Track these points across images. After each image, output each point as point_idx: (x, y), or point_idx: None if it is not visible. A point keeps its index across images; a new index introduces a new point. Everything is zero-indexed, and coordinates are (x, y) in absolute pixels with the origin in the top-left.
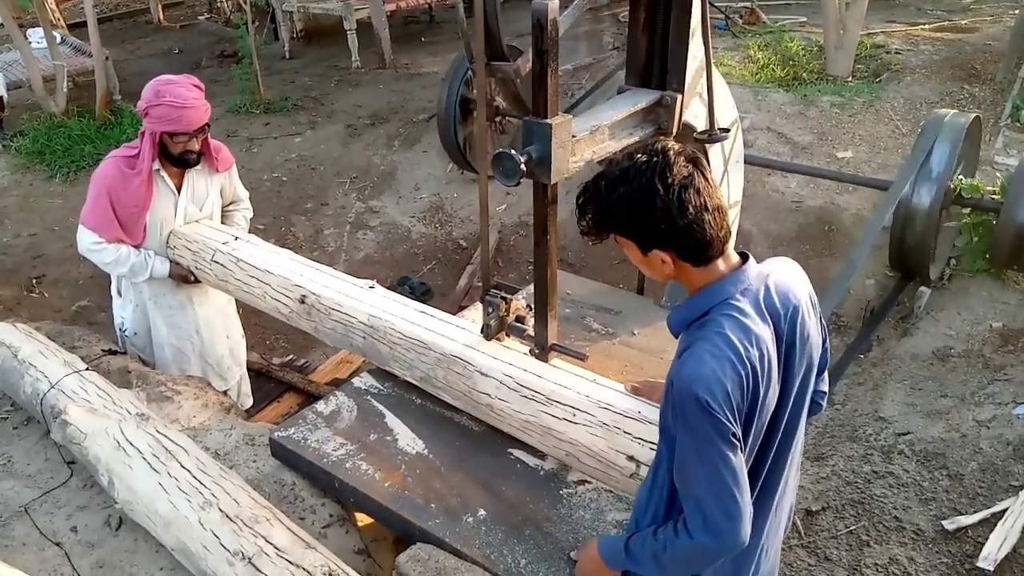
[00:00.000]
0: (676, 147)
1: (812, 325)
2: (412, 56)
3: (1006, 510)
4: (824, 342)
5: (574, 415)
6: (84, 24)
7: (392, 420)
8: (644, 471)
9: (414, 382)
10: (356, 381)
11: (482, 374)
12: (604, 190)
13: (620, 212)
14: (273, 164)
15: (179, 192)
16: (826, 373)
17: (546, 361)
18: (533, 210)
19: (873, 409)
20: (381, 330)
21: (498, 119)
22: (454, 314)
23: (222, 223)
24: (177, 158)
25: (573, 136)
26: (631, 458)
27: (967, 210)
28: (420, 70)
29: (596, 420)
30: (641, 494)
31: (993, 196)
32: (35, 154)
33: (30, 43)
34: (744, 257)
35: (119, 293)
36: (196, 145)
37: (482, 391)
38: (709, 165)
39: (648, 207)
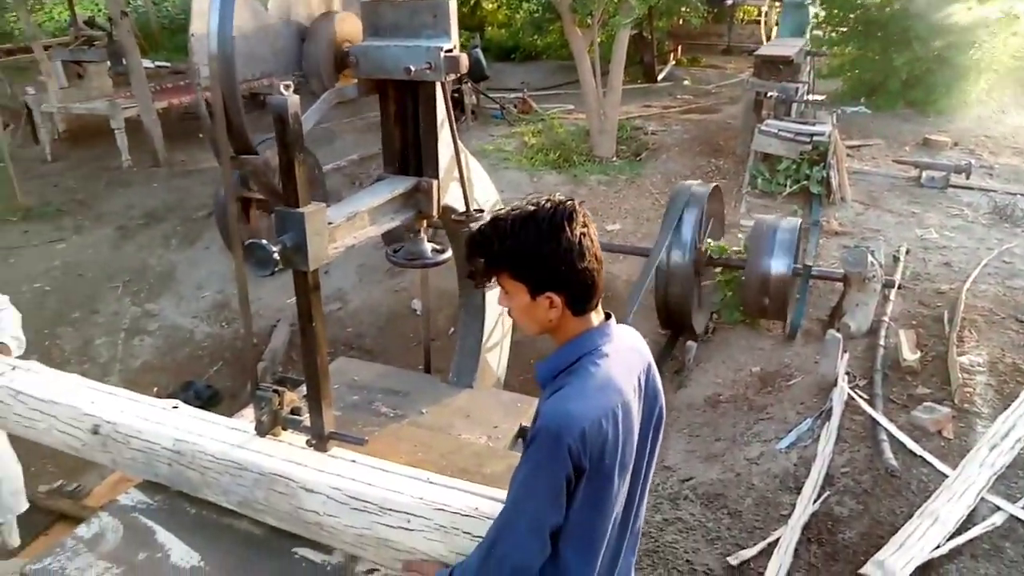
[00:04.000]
0: (577, 201)
1: (659, 380)
2: (189, 152)
3: (779, 539)
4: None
5: (409, 521)
6: None
7: (163, 535)
8: None
9: (233, 507)
10: (122, 498)
11: (307, 490)
12: (510, 230)
13: (525, 252)
14: (33, 274)
15: None
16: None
17: (324, 451)
18: (296, 299)
19: (659, 459)
20: (189, 455)
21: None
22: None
23: None
24: None
25: (330, 223)
26: None
27: (719, 269)
28: (198, 166)
29: (432, 523)
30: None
31: (739, 255)
32: None
33: None
34: (607, 316)
35: None
36: None
37: (309, 509)
38: None
39: (555, 247)
